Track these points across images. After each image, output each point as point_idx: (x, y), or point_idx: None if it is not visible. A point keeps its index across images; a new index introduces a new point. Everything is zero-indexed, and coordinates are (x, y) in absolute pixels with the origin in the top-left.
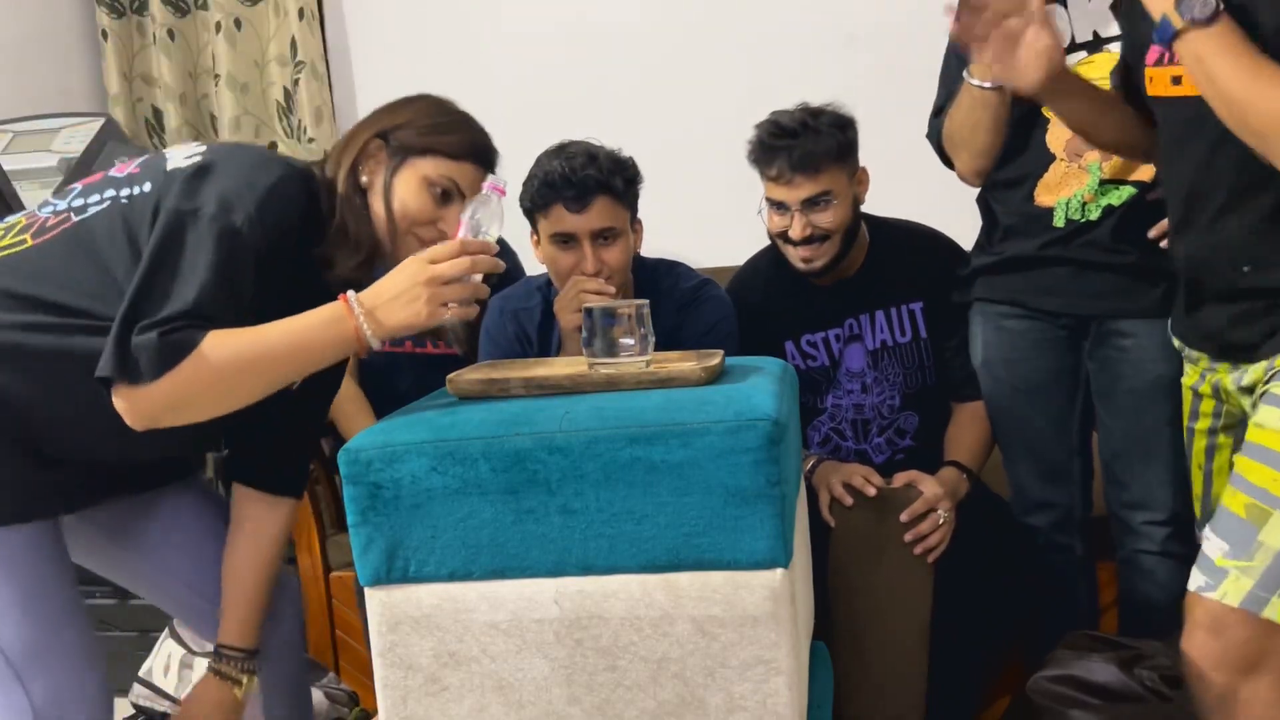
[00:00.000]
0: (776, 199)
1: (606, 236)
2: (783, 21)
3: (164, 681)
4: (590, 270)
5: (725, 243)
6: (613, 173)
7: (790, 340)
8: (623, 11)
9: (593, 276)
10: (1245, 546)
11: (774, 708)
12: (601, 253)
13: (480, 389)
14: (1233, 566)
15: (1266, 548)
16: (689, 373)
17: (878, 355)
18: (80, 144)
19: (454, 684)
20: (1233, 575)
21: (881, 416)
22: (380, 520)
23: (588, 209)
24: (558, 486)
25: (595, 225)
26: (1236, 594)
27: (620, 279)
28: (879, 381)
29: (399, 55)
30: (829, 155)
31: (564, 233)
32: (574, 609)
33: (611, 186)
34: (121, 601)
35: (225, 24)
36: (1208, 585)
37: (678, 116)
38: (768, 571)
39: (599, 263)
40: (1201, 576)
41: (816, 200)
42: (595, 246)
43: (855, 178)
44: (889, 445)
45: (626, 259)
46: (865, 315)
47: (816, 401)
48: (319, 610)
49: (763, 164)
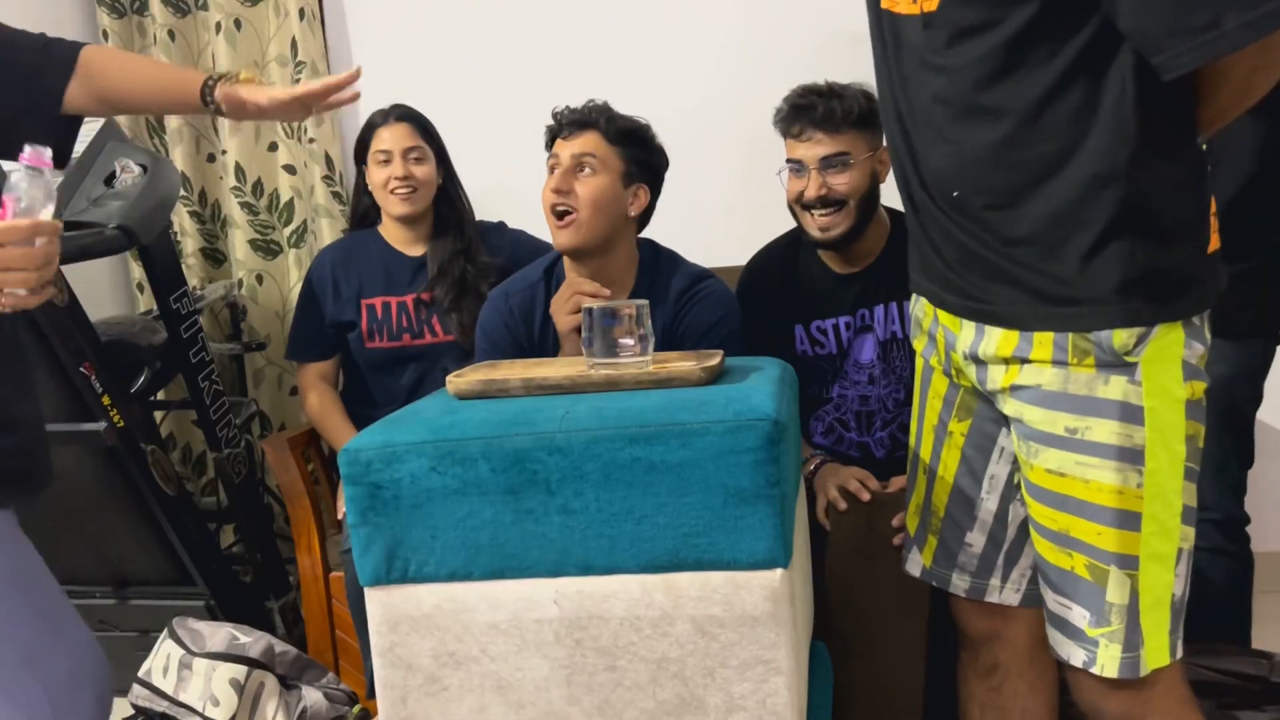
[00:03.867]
0: (796, 157)
1: (585, 167)
2: (786, 21)
3: (163, 682)
4: (554, 185)
5: (724, 243)
6: (610, 117)
7: (800, 324)
8: (622, 12)
9: (555, 195)
10: (1100, 611)
11: (774, 708)
12: (575, 180)
13: (480, 389)
14: (1099, 635)
15: (1117, 607)
16: (689, 373)
17: (887, 347)
18: (80, 145)
19: (454, 684)
20: (1103, 645)
21: (886, 410)
22: (380, 520)
23: (574, 137)
24: (558, 486)
25: (576, 150)
26: (1112, 664)
27: (589, 217)
28: (886, 374)
29: (398, 55)
30: (849, 117)
31: (554, 154)
32: (574, 609)
33: (600, 124)
34: (121, 602)
35: (225, 24)
36: (1090, 659)
37: (677, 117)
38: (767, 571)
39: (566, 183)
40: (1080, 651)
41: (833, 161)
42: (571, 172)
43: (877, 154)
44: (891, 440)
45: (600, 199)
46: (879, 306)
47: (822, 391)
48: (319, 610)
49: (787, 123)
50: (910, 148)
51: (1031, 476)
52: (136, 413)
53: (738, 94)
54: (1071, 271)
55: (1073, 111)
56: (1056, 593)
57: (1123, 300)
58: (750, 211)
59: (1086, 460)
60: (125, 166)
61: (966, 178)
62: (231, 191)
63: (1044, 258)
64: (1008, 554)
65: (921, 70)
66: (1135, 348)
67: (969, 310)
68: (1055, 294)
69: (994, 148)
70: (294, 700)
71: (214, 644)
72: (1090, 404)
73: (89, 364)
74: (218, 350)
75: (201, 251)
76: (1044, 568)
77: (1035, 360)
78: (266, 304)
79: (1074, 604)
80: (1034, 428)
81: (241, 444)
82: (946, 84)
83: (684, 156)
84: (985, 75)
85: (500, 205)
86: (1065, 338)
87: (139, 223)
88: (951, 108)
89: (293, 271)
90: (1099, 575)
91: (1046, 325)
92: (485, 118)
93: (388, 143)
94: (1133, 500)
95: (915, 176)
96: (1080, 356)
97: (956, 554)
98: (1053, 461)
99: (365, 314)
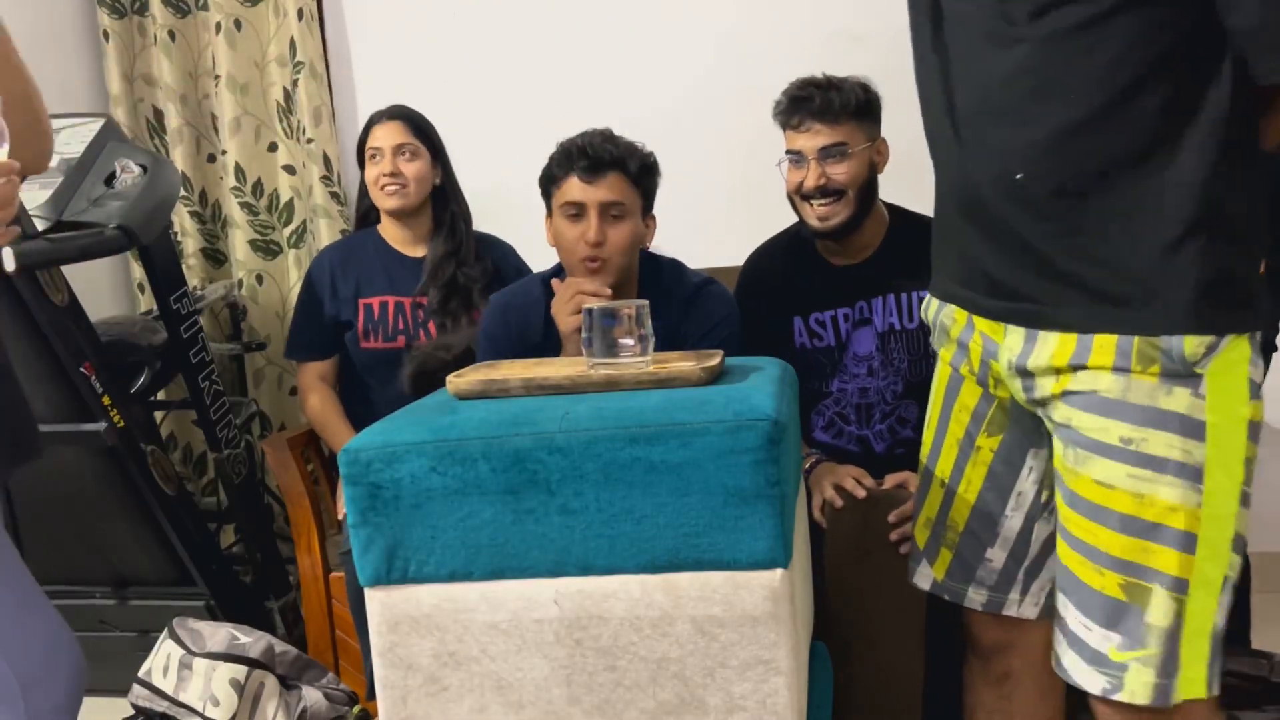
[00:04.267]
0: (795, 148)
1: (615, 213)
2: (785, 22)
3: (163, 682)
4: (592, 239)
5: (722, 244)
6: (630, 154)
7: (799, 316)
8: (621, 13)
9: (592, 249)
10: (1135, 634)
11: (774, 708)
12: (607, 228)
13: (480, 389)
14: (1130, 659)
15: (1157, 630)
16: (689, 373)
17: (886, 338)
18: (80, 144)
19: (454, 684)
20: (1133, 670)
21: (885, 402)
22: (380, 520)
23: (599, 181)
24: (558, 486)
25: (604, 197)
26: (1144, 692)
27: (620, 262)
28: (885, 366)
29: (397, 55)
30: (848, 108)
31: (574, 202)
32: (574, 609)
33: (626, 165)
34: (121, 602)
35: (225, 24)
36: (1112, 686)
37: (675, 117)
38: (767, 571)
39: (602, 234)
40: (1100, 676)
41: (832, 150)
42: (602, 220)
43: (875, 145)
44: (890, 433)
45: (630, 244)
46: (878, 299)
47: (822, 386)
48: (319, 610)
49: (786, 115)
50: (958, 136)
51: (1074, 485)
52: (136, 413)
53: (737, 94)
54: (1145, 270)
55: (1165, 102)
56: (1080, 611)
57: (1197, 305)
58: (749, 211)
59: (1140, 474)
60: (125, 167)
61: (1037, 160)
62: (231, 192)
63: (1115, 253)
64: (1028, 570)
65: (989, 45)
66: (1204, 358)
67: (1017, 314)
68: (1122, 293)
69: (1072, 129)
70: (294, 700)
71: (214, 644)
72: (1151, 415)
73: (89, 364)
74: (218, 350)
75: (202, 252)
76: (1067, 584)
77: (1093, 366)
78: (266, 304)
79: (1095, 626)
80: (1085, 435)
81: (241, 444)
82: (1027, 56)
83: (683, 157)
84: (1074, 51)
85: (500, 205)
86: (1130, 342)
87: (139, 223)
88: (1029, 82)
89: (293, 271)
90: (1138, 595)
91: (1110, 327)
92: (485, 118)
93: (379, 140)
94: (1191, 520)
95: (963, 167)
96: (1145, 364)
97: (975, 569)
98: (1101, 472)
99: (363, 313)
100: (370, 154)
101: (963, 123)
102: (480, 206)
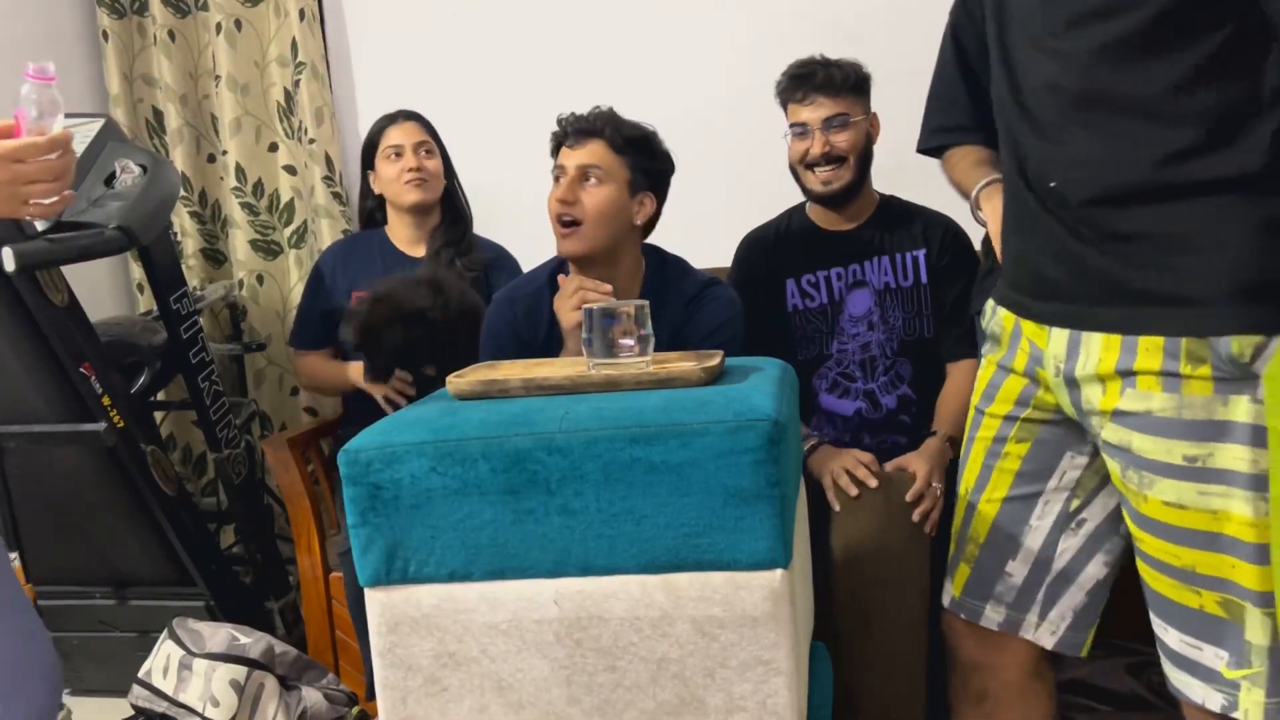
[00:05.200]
0: (800, 120)
1: (593, 180)
2: (784, 23)
3: (163, 682)
4: (558, 195)
5: (720, 244)
6: (617, 126)
7: (791, 279)
8: (619, 13)
9: (560, 205)
10: (1239, 651)
11: (774, 708)
12: (580, 191)
13: (480, 389)
14: (1240, 678)
15: (1257, 648)
16: (689, 373)
17: (883, 296)
18: (80, 145)
19: (454, 684)
20: (1244, 688)
21: (885, 356)
22: (380, 521)
23: (580, 146)
24: (558, 487)
25: (582, 161)
26: (1257, 710)
27: (595, 229)
28: (883, 321)
29: (398, 55)
30: (848, 82)
31: (560, 164)
32: (574, 609)
33: (608, 133)
34: (121, 602)
35: (226, 25)
36: (1230, 704)
37: (675, 118)
38: (767, 572)
39: (572, 194)
40: (1216, 694)
41: (835, 121)
42: (577, 183)
43: (869, 117)
44: (891, 386)
45: (607, 210)
46: (870, 261)
47: (821, 349)
48: (319, 611)
49: (789, 91)
50: (1013, 137)
51: (1145, 509)
52: (137, 413)
53: (736, 94)
54: (1190, 269)
55: (1210, 107)
56: (1183, 632)
57: (1244, 304)
58: (750, 212)
59: (1211, 489)
60: (125, 167)
61: (1070, 171)
62: (232, 192)
63: (1159, 252)
64: (1050, 588)
65: (1035, 52)
66: (1254, 360)
67: (1061, 316)
68: (1168, 293)
69: (1111, 142)
70: (294, 701)
71: (214, 644)
72: (1210, 428)
73: (89, 364)
74: (218, 350)
75: (202, 252)
76: (1164, 608)
77: (1141, 372)
78: (267, 304)
79: (1205, 644)
80: (1146, 457)
81: (241, 444)
82: (1064, 66)
83: (683, 157)
84: (1109, 63)
85: (499, 206)
86: (1177, 344)
87: (139, 223)
88: (1066, 94)
89: (293, 272)
90: (1235, 612)
91: (1155, 328)
92: (485, 118)
93: (398, 139)
94: (1265, 531)
95: (1015, 165)
96: (1195, 364)
97: (993, 584)
98: (1171, 494)
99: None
100: (388, 153)
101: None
102: (480, 206)
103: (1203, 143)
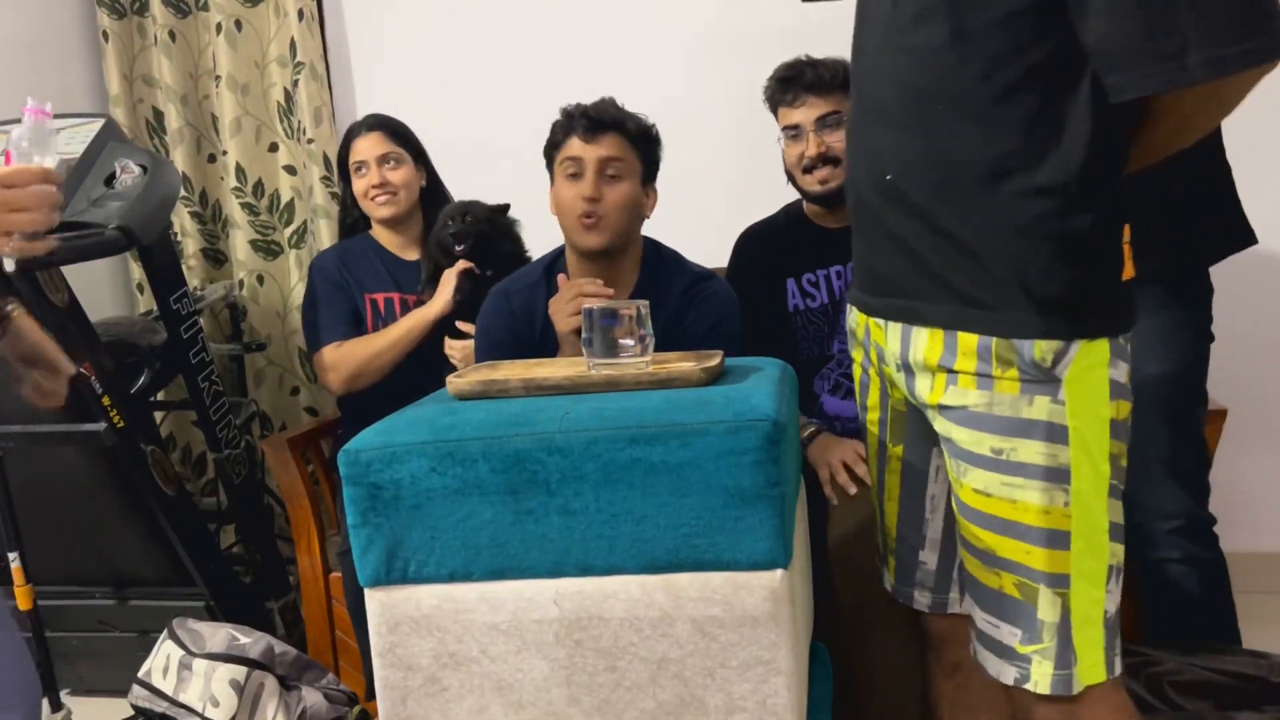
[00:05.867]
0: (793, 122)
1: (612, 171)
2: (780, 22)
3: (163, 682)
4: (587, 193)
5: (718, 244)
6: (629, 118)
7: (792, 278)
8: (619, 14)
9: (587, 203)
10: (1033, 629)
11: (774, 708)
12: (604, 185)
13: (480, 389)
14: (1032, 653)
15: (1049, 625)
16: (689, 373)
17: None
18: (80, 145)
19: (454, 684)
20: (1035, 662)
21: None
22: (380, 521)
23: (598, 139)
24: (557, 487)
25: (602, 154)
26: (1045, 681)
27: (617, 222)
28: None
29: (398, 56)
30: (836, 79)
31: (573, 158)
32: (574, 610)
33: (624, 126)
34: (121, 602)
35: (225, 25)
36: (1022, 677)
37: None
38: (767, 572)
39: (598, 190)
40: (1010, 668)
41: (828, 120)
42: (599, 177)
43: None
44: None
45: (627, 205)
46: None
47: (823, 350)
48: (319, 611)
49: (778, 95)
50: (857, 136)
51: (961, 495)
52: (136, 413)
53: (736, 96)
54: (1002, 275)
55: (1029, 118)
56: (985, 610)
57: (1045, 312)
58: (749, 212)
59: (1013, 481)
60: (125, 167)
61: (909, 165)
62: (232, 192)
63: (972, 258)
64: (962, 569)
65: (884, 49)
66: (1055, 365)
67: (895, 311)
68: (983, 296)
69: (939, 140)
70: (294, 701)
71: (214, 644)
72: (1016, 425)
73: (89, 364)
74: (218, 351)
75: (202, 252)
76: (972, 585)
77: (960, 371)
78: (267, 304)
79: (1003, 623)
80: (962, 448)
81: (241, 445)
82: (907, 63)
83: (683, 157)
84: (947, 62)
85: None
86: (988, 344)
87: (139, 223)
88: (909, 92)
89: (293, 272)
90: (1029, 594)
91: (972, 327)
92: (484, 118)
93: (363, 153)
94: (1060, 519)
95: (858, 163)
96: (1003, 367)
97: (914, 572)
98: (980, 482)
99: (369, 308)
100: (355, 167)
101: (856, 123)
102: None
103: (1019, 151)
